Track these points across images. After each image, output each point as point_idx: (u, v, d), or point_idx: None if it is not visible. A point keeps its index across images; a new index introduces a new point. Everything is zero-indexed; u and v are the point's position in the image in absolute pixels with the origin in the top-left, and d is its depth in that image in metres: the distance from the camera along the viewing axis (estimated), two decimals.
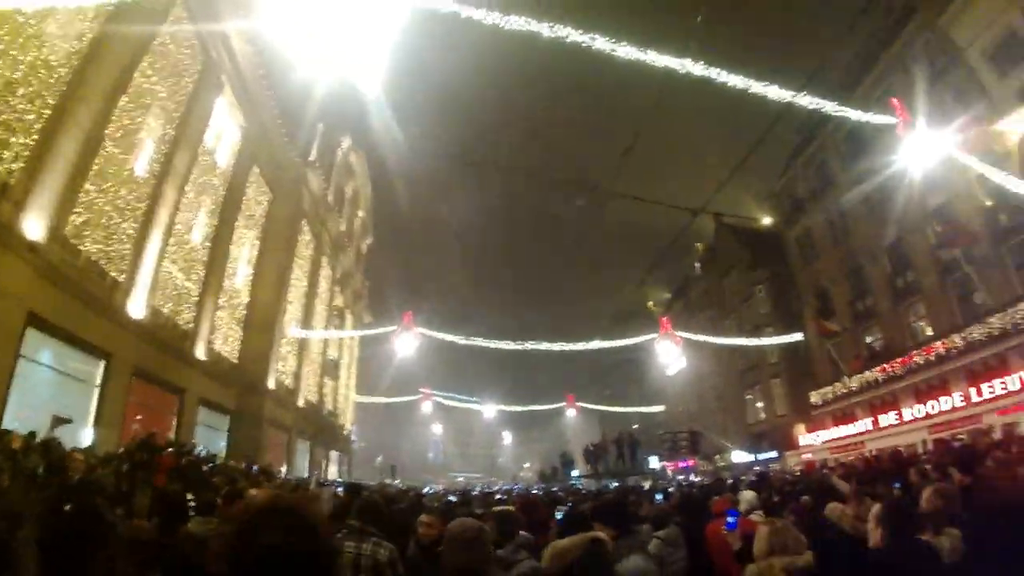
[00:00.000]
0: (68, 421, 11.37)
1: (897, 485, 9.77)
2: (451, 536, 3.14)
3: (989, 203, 21.80)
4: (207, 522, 5.80)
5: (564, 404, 48.53)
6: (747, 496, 7.33)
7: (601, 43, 11.23)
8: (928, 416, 23.48)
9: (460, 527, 3.13)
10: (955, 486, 5.00)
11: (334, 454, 44.02)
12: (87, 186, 15.76)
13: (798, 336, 32.55)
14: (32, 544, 7.13)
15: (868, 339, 30.10)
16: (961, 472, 7.59)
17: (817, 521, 7.91)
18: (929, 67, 24.57)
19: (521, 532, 3.95)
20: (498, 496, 17.68)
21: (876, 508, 3.83)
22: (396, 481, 38.61)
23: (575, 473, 40.46)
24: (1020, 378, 19.81)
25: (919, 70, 24.44)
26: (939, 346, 23.62)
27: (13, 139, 12.88)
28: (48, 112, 13.83)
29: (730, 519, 5.15)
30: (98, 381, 16.64)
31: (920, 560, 3.48)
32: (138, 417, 18.26)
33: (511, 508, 5.02)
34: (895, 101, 15.70)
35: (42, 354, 14.33)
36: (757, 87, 12.27)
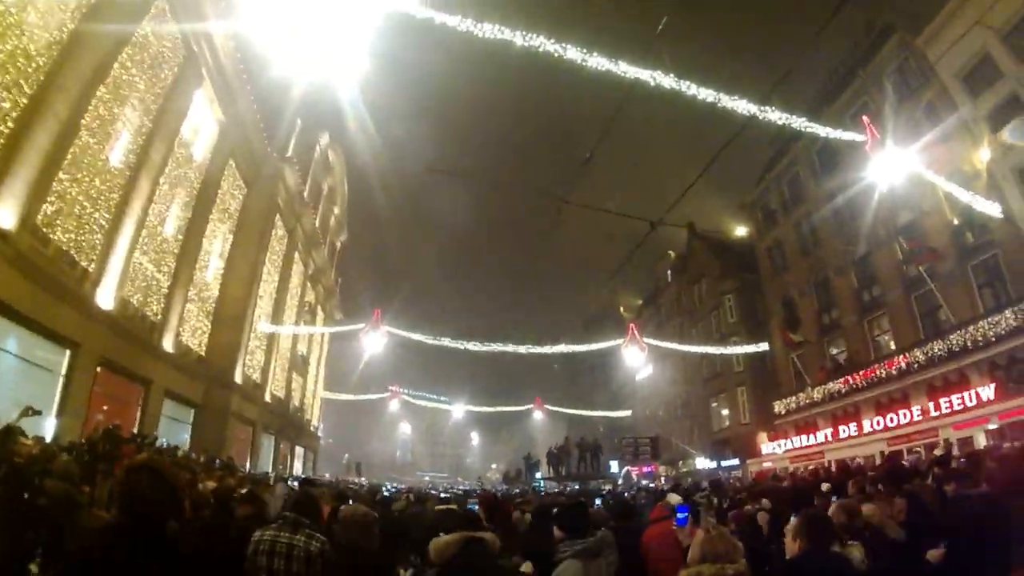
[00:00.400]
0: (38, 413, 11.39)
1: (834, 498, 10.23)
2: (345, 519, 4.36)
3: (956, 221, 22.57)
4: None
5: (532, 406, 48.86)
6: (673, 499, 7.61)
7: (572, 52, 11.56)
8: (887, 428, 24.07)
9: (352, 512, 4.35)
10: (855, 503, 5.36)
11: (300, 450, 43.87)
12: (61, 175, 15.71)
13: (764, 346, 33.20)
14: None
15: (833, 351, 30.74)
16: (887, 487, 7.97)
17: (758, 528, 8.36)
18: (904, 85, 25.36)
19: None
20: (443, 495, 18.24)
21: (794, 520, 4.07)
22: (361, 479, 38.67)
23: (539, 475, 40.80)
24: (977, 393, 20.41)
25: (894, 88, 25.18)
26: (901, 360, 24.30)
27: None
28: (25, 101, 13.84)
29: (680, 515, 5.34)
30: (64, 371, 16.59)
31: (832, 570, 3.74)
32: (103, 408, 18.25)
33: (453, 507, 5.42)
34: (865, 119, 16.20)
35: (8, 342, 14.30)
36: (726, 100, 12.65)
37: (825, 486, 10.02)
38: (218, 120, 26.67)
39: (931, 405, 22.31)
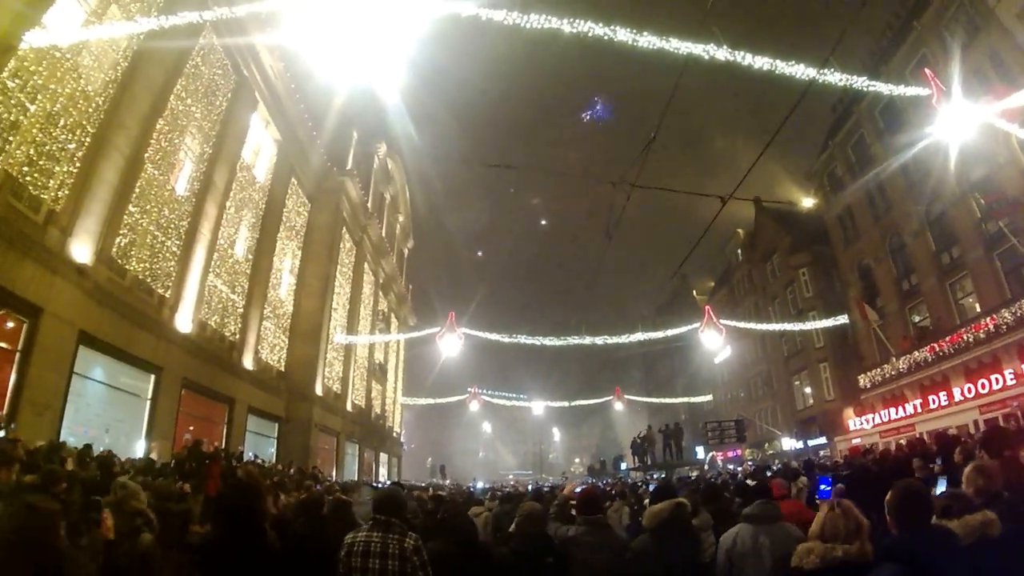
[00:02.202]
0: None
1: (938, 462, 9.62)
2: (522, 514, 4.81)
3: None
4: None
5: (611, 398, 48.34)
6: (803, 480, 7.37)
7: (622, 34, 11.27)
8: (979, 395, 22.65)
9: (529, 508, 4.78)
10: (994, 464, 4.83)
11: (384, 456, 44.74)
12: (130, 208, 16.42)
13: (843, 319, 31.88)
14: (88, 553, 7.55)
15: (915, 318, 29.16)
16: (989, 455, 7.42)
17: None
18: (963, 34, 23.71)
19: None
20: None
21: (888, 497, 3.72)
22: (446, 481, 39.08)
23: (624, 466, 40.37)
24: None
25: (953, 37, 23.62)
26: (988, 322, 22.78)
27: (57, 168, 13.50)
28: (88, 140, 14.45)
29: (824, 487, 5.20)
30: (149, 394, 17.35)
31: (935, 551, 3.37)
32: (190, 428, 18.94)
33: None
34: (928, 72, 15.26)
35: (94, 370, 15.02)
36: (783, 67, 12.10)
37: (917, 462, 9.39)
38: (275, 140, 27.42)
39: None
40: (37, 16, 11.20)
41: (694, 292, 63.62)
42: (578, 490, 6.59)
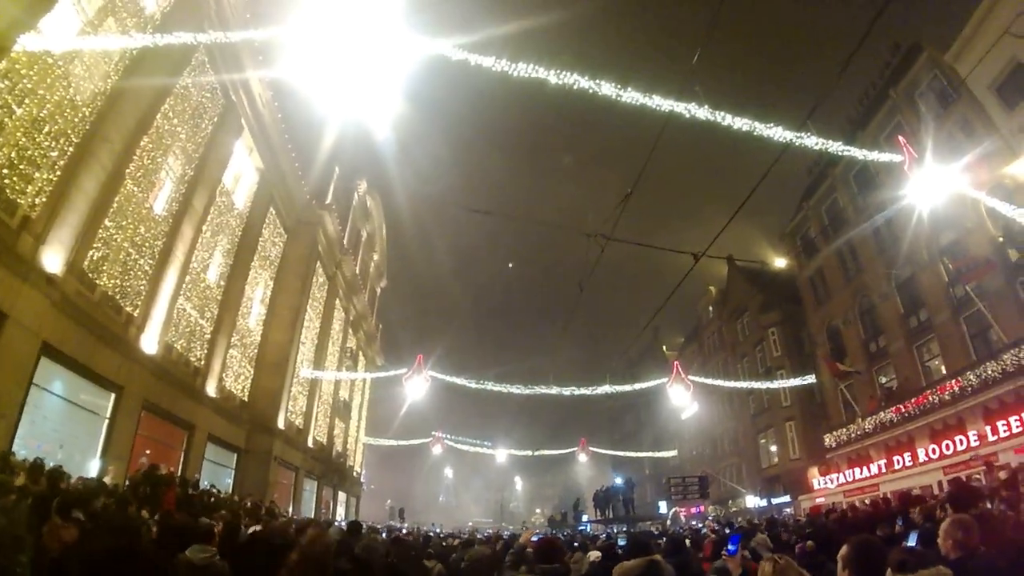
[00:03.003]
0: None
1: (900, 522, 9.70)
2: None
3: (1001, 238, 21.79)
4: (203, 549, 5.86)
5: (576, 449, 48.07)
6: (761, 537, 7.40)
7: (607, 88, 11.54)
8: (943, 456, 22.97)
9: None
10: (970, 518, 4.82)
11: (342, 495, 43.71)
12: (106, 222, 16.20)
13: (811, 379, 32.34)
14: (29, 568, 7.28)
15: (882, 379, 29.73)
16: (954, 510, 7.49)
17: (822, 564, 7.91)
18: (937, 103, 24.95)
19: None
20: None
21: (843, 549, 3.74)
22: (404, 524, 38.27)
23: (585, 518, 39.90)
24: None
25: (927, 106, 24.84)
26: (954, 384, 23.29)
27: (37, 174, 13.33)
28: (71, 149, 14.33)
29: (731, 546, 5.24)
30: (108, 413, 16.81)
31: None
32: (147, 451, 18.38)
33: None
34: (901, 139, 15.84)
35: (54, 384, 14.55)
36: (761, 128, 12.45)
37: (881, 528, 9.48)
38: (258, 168, 27.42)
39: (988, 429, 21.23)
40: (34, 20, 11.19)
41: (664, 347, 64.03)
42: (535, 539, 6.47)
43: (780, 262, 32.07)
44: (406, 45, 11.28)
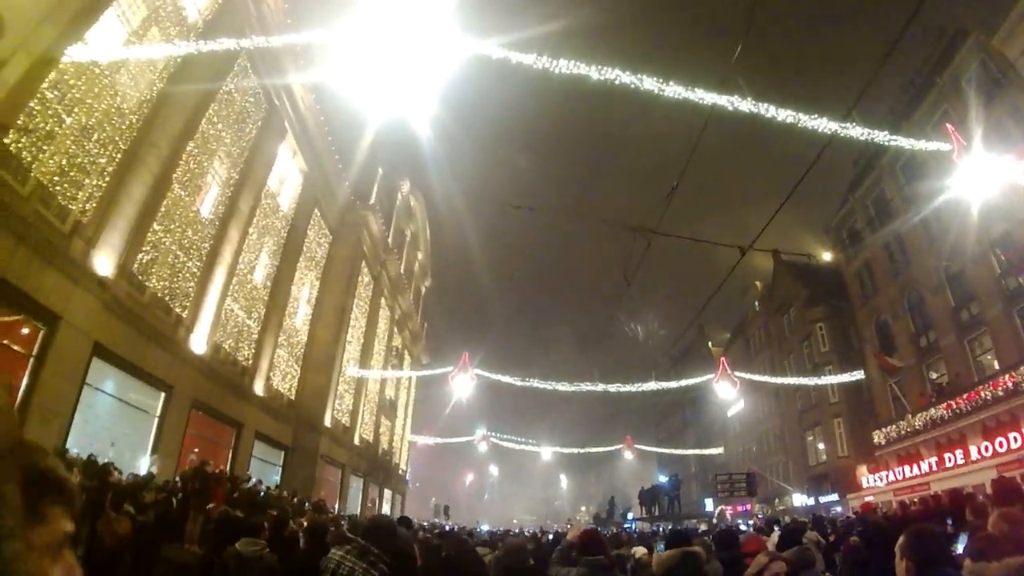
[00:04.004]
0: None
1: (950, 522, 9.34)
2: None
3: None
4: (253, 543, 5.99)
5: (621, 446, 47.70)
6: (773, 539, 7.23)
7: (649, 83, 11.38)
8: (996, 454, 22.06)
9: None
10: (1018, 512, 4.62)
11: (388, 493, 44.19)
12: (155, 226, 16.71)
13: (859, 374, 31.45)
14: (81, 563, 7.56)
15: (932, 375, 28.66)
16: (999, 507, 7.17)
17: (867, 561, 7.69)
18: (985, 90, 23.98)
19: None
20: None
21: (901, 540, 3.59)
22: (449, 522, 38.51)
23: (631, 516, 39.62)
24: None
25: (975, 93, 23.86)
26: (1007, 380, 22.35)
27: (87, 180, 13.80)
28: (119, 156, 14.80)
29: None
30: (158, 412, 17.33)
31: None
32: (195, 449, 18.87)
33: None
34: (949, 127, 15.26)
35: (105, 383, 15.06)
36: (805, 120, 12.14)
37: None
38: (302, 170, 27.88)
39: None
40: (81, 32, 11.57)
41: (709, 343, 63.06)
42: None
43: (826, 256, 31.30)
44: (447, 45, 11.30)
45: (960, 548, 6.23)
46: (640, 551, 7.61)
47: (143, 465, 15.48)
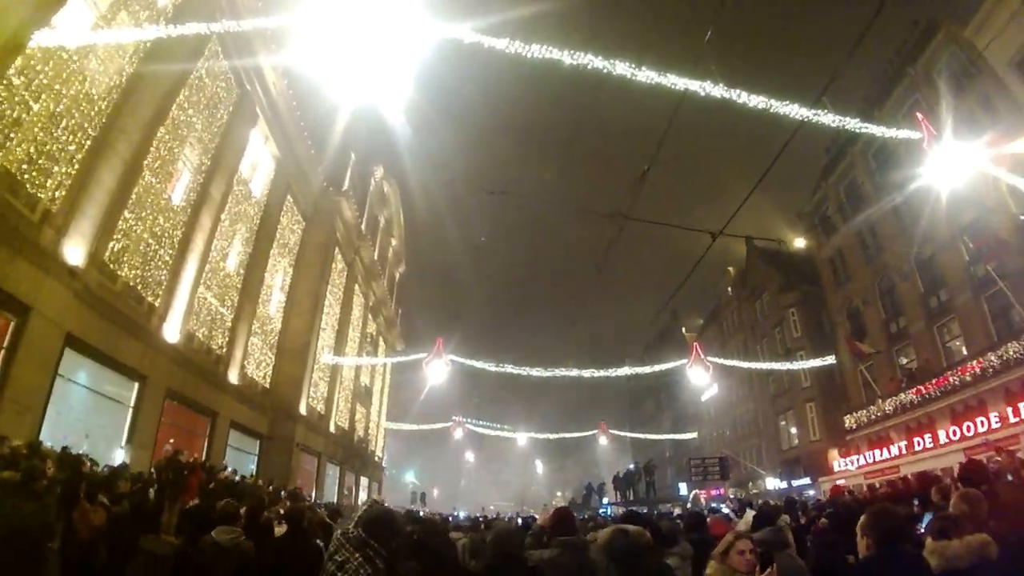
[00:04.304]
0: None
1: (916, 502, 9.62)
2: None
3: (1022, 217, 21.35)
4: (229, 531, 5.99)
5: (596, 432, 48.12)
6: (747, 518, 7.37)
7: (621, 68, 11.41)
8: (964, 438, 22.70)
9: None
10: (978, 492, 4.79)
11: (364, 480, 44.18)
12: (125, 214, 16.39)
13: (831, 359, 32.07)
14: (57, 554, 7.45)
15: (903, 360, 29.34)
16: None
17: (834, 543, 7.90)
18: (956, 80, 24.42)
19: None
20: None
21: (862, 518, 3.71)
22: (425, 508, 38.62)
23: (605, 500, 40.05)
24: None
25: (946, 83, 24.29)
26: (975, 365, 22.98)
27: (56, 168, 13.50)
28: (89, 143, 14.48)
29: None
30: (132, 402, 17.12)
31: (905, 569, 3.36)
32: (171, 439, 18.66)
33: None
34: (920, 116, 15.51)
35: (78, 374, 14.82)
36: (777, 106, 12.25)
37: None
38: (274, 156, 27.55)
39: (1009, 411, 20.93)
40: (48, 16, 11.28)
41: (683, 329, 63.76)
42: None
43: (799, 242, 31.74)
44: (419, 29, 11.22)
45: (924, 527, 6.42)
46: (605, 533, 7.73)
47: (118, 457, 15.30)
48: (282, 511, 10.90)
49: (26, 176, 12.64)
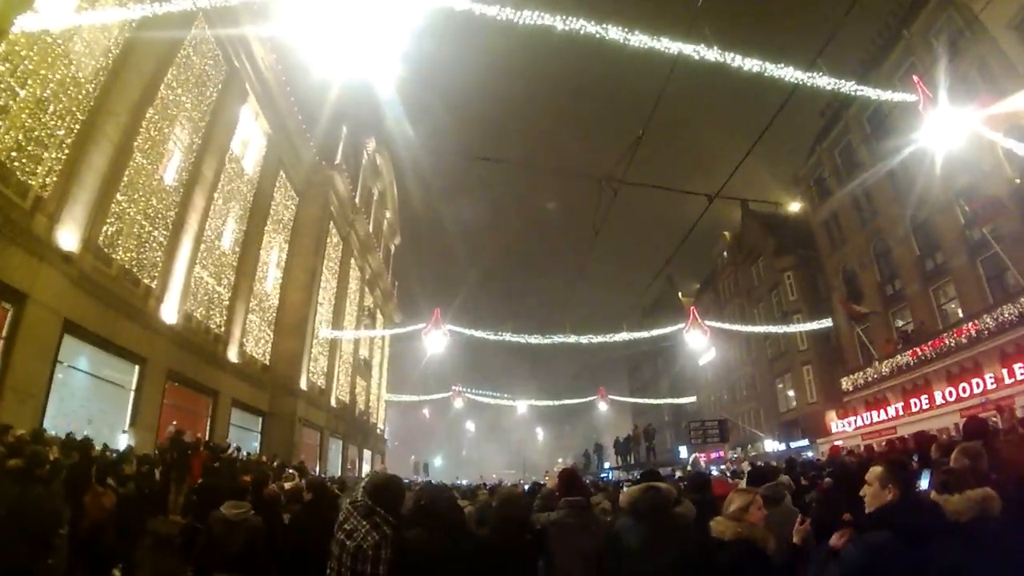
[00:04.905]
0: None
1: (915, 459, 9.74)
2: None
3: (1018, 180, 21.30)
4: (238, 505, 6.08)
5: (595, 397, 48.42)
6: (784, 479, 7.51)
7: (614, 33, 11.27)
8: (960, 399, 22.89)
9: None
10: (978, 445, 4.85)
11: (367, 453, 44.60)
12: (118, 197, 16.29)
13: (827, 322, 32.25)
14: (65, 538, 7.53)
15: (899, 323, 29.56)
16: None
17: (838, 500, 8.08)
18: (952, 42, 24.15)
19: None
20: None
21: (878, 469, 3.73)
22: (427, 478, 39.03)
23: (607, 465, 40.47)
24: None
25: (942, 46, 24.01)
26: (970, 327, 23.16)
27: (45, 154, 13.37)
28: (78, 127, 14.32)
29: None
30: (133, 385, 17.21)
31: (930, 512, 3.36)
32: (173, 421, 18.78)
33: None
34: (915, 79, 15.38)
35: (78, 360, 14.88)
36: (772, 69, 12.14)
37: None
38: (265, 133, 27.28)
39: (1005, 372, 21.07)
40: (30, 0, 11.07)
41: (680, 294, 63.89)
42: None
43: (794, 206, 31.68)
44: None
45: (924, 484, 6.49)
46: (603, 501, 7.83)
47: (122, 441, 15.41)
48: (286, 485, 11.05)
49: (16, 164, 12.52)
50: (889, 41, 28.28)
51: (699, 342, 30.84)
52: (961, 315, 24.93)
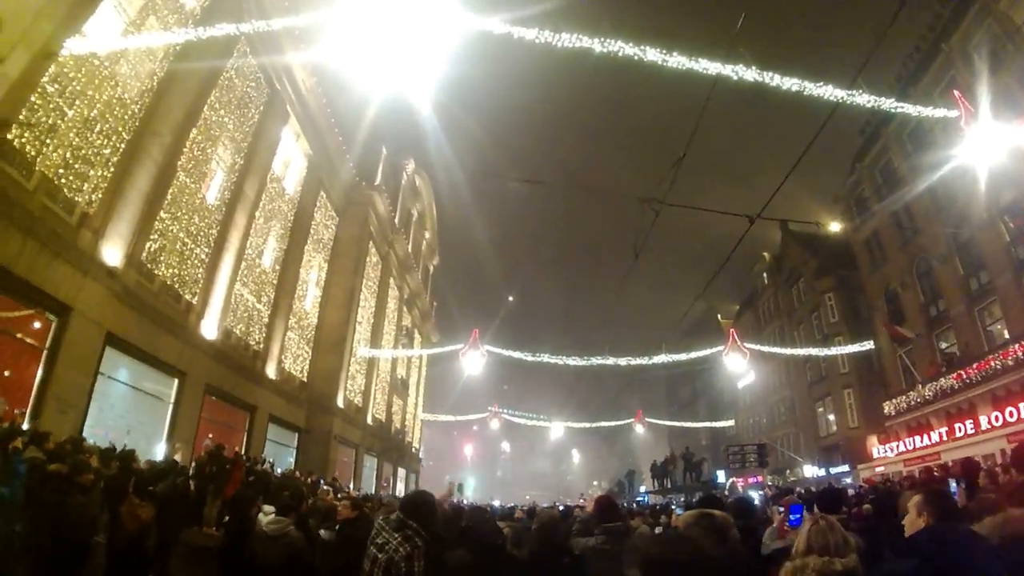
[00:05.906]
0: None
1: (961, 485, 9.42)
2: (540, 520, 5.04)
3: None
4: (277, 520, 6.14)
5: (632, 420, 47.86)
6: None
7: (652, 54, 11.28)
8: (1007, 423, 22.02)
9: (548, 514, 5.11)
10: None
11: (402, 471, 44.69)
12: (161, 214, 16.76)
13: (869, 344, 31.43)
14: (104, 547, 7.65)
15: (942, 345, 28.56)
16: (1020, 472, 7.33)
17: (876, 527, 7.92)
18: (993, 55, 23.50)
19: None
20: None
21: (917, 497, 3.63)
22: (463, 499, 38.89)
23: (642, 489, 39.91)
24: None
25: (982, 59, 23.40)
26: (1017, 349, 22.30)
27: (92, 172, 13.83)
28: (123, 146, 14.80)
29: (793, 516, 5.09)
30: (172, 398, 17.56)
31: (965, 544, 3.25)
32: (210, 434, 19.11)
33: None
34: (956, 93, 15.04)
35: (119, 372, 15.24)
36: (811, 88, 12.02)
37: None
38: (306, 153, 27.85)
39: None
40: (78, 24, 11.54)
41: (719, 316, 63.01)
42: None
43: (835, 226, 31.08)
44: (448, 21, 11.21)
45: None
46: (641, 525, 7.73)
47: (159, 453, 15.69)
48: (319, 503, 11.08)
49: (63, 180, 12.97)
50: (928, 56, 27.71)
51: (738, 365, 30.31)
52: (1007, 336, 23.96)
